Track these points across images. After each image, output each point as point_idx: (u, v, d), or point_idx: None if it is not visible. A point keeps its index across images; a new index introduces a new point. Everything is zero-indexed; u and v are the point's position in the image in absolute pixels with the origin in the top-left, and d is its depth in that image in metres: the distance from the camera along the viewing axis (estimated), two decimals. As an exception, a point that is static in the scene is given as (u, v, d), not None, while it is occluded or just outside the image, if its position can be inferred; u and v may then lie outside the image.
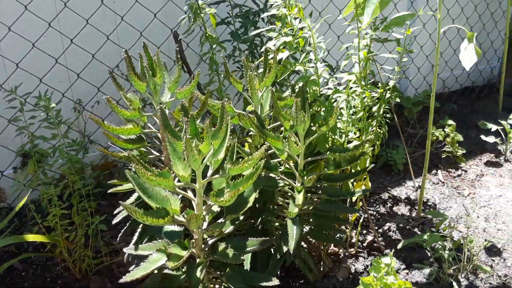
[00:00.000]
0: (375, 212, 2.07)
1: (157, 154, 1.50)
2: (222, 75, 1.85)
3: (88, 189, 1.67)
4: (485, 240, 1.86)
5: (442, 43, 3.01)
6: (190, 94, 1.41)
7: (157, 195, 1.22)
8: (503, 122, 2.52)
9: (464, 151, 2.48)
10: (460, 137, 2.47)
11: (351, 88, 1.50)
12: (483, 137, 2.56)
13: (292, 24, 1.46)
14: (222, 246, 1.28)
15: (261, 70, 1.51)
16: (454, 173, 2.41)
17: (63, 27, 1.87)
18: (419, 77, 2.99)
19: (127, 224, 1.45)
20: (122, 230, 1.45)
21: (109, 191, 1.39)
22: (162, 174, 1.14)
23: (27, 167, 1.78)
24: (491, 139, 2.53)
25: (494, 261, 1.76)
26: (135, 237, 1.40)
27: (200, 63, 1.97)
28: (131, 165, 1.16)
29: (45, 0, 1.79)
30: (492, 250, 1.81)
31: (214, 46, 1.77)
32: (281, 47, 1.54)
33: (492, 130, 2.56)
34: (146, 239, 1.39)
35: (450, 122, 2.53)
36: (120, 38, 2.00)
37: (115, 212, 1.41)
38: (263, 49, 1.80)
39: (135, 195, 1.45)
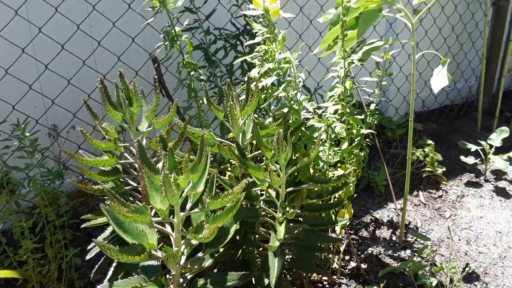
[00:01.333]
0: (357, 237, 2.06)
1: (134, 184, 1.46)
2: (201, 101, 1.82)
3: (62, 220, 1.61)
4: (467, 264, 1.86)
5: (421, 63, 3.05)
6: (168, 124, 1.38)
7: (133, 229, 1.18)
8: (482, 142, 2.54)
9: (444, 169, 2.49)
10: (439, 156, 2.48)
11: (333, 117, 1.49)
12: (462, 158, 2.58)
13: (274, 55, 1.46)
14: (201, 282, 1.24)
15: (243, 97, 1.49)
16: (435, 194, 2.42)
17: (38, 52, 1.82)
18: (399, 97, 3.01)
19: (103, 257, 1.40)
20: (97, 265, 1.39)
21: (82, 225, 1.33)
22: (138, 210, 1.10)
23: (-1, 197, 1.71)
24: (470, 160, 2.56)
25: (476, 286, 1.75)
26: (110, 272, 1.34)
27: (179, 87, 1.94)
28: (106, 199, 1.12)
29: (19, 24, 1.74)
30: (474, 275, 1.80)
31: (192, 72, 1.74)
32: (264, 73, 1.53)
33: (472, 150, 2.58)
34: (122, 274, 1.34)
35: (429, 141, 2.55)
36: (97, 62, 1.95)
37: (89, 247, 1.35)
38: (245, 76, 1.79)
39: (110, 228, 1.40)
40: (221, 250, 1.30)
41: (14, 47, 1.74)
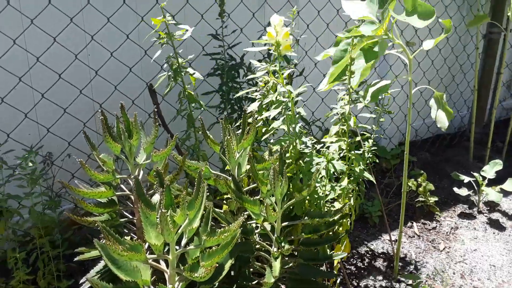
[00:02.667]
0: (353, 268, 2.04)
1: (129, 216, 1.45)
2: (199, 132, 1.83)
3: (57, 251, 1.59)
4: (462, 298, 1.85)
5: (414, 94, 3.09)
6: (166, 158, 1.38)
7: (126, 265, 1.16)
8: (475, 174, 2.56)
9: (436, 199, 2.50)
10: (431, 186, 2.50)
11: (334, 152, 1.50)
12: (456, 189, 2.60)
13: (276, 89, 1.48)
14: (195, 319, 1.22)
15: (240, 130, 1.50)
16: (429, 225, 2.42)
17: (35, 80, 1.83)
18: (393, 127, 3.04)
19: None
20: (90, 300, 1.36)
21: (76, 258, 1.32)
22: (133, 247, 1.09)
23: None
24: (463, 191, 2.57)
25: (472, 321, 1.74)
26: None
27: (176, 117, 1.95)
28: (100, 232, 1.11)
29: (17, 53, 1.75)
30: (470, 310, 1.80)
31: (192, 104, 1.76)
32: (263, 106, 1.55)
33: (465, 181, 2.59)
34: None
35: (422, 172, 2.56)
36: (94, 91, 1.96)
37: (82, 281, 1.33)
38: (244, 107, 1.81)
39: (103, 262, 1.38)
40: (216, 285, 1.29)
41: (11, 76, 1.74)
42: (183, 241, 1.18)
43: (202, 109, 1.83)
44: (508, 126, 3.14)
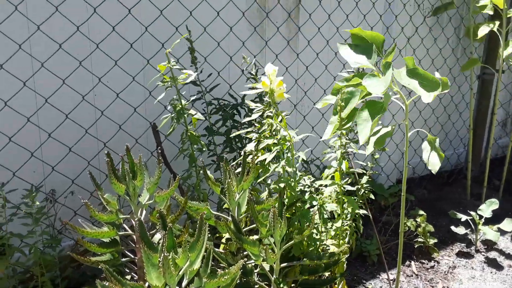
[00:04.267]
0: (350, 308, 2.05)
1: (131, 256, 1.48)
2: (201, 171, 1.88)
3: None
4: None
5: (411, 134, 3.15)
6: (168, 199, 1.42)
7: (128, 306, 1.19)
8: (472, 213, 2.59)
9: (436, 241, 2.52)
10: (431, 228, 2.52)
11: (328, 195, 1.55)
12: (453, 228, 2.62)
13: (276, 130, 1.53)
14: None
15: (239, 169, 1.55)
16: (427, 264, 2.43)
17: (42, 119, 1.89)
18: (390, 164, 3.09)
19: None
20: None
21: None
22: (136, 288, 1.12)
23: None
24: (461, 230, 2.59)
25: None
26: None
27: (176, 156, 2.00)
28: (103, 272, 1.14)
29: (25, 93, 1.81)
30: None
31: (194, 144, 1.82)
32: (260, 148, 1.60)
33: (462, 220, 2.62)
34: None
35: (421, 212, 2.59)
36: (99, 130, 2.02)
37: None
38: (243, 149, 1.87)
39: (105, 301, 1.40)
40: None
41: (19, 116, 1.80)
42: (184, 282, 1.21)
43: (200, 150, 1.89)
44: (504, 164, 3.19)
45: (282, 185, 1.54)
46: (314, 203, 1.50)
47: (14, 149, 1.82)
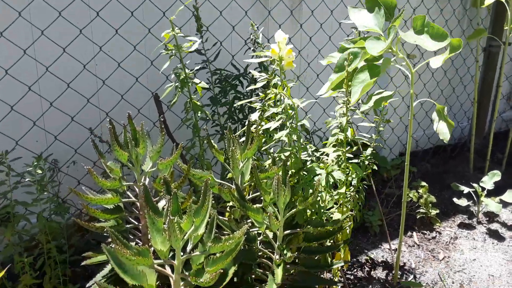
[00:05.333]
0: (352, 276, 2.07)
1: (135, 222, 1.48)
2: (204, 141, 1.87)
3: (64, 256, 1.63)
4: (461, 308, 1.88)
5: (415, 105, 3.13)
6: (171, 166, 1.42)
7: (133, 269, 1.20)
8: (475, 185, 2.60)
9: (438, 211, 2.53)
10: (433, 199, 2.53)
11: (333, 162, 1.54)
12: (455, 200, 2.63)
13: (280, 99, 1.52)
14: (199, 324, 1.25)
15: (243, 139, 1.54)
16: (428, 235, 2.45)
17: (43, 89, 1.87)
18: (394, 137, 3.08)
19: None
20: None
21: (83, 263, 1.35)
22: (141, 252, 1.12)
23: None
24: (463, 201, 2.60)
25: (470, 330, 1.77)
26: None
27: (178, 126, 1.99)
28: (107, 236, 1.14)
29: (25, 63, 1.79)
30: (468, 319, 1.82)
31: (198, 113, 1.80)
32: (265, 117, 1.59)
33: (465, 192, 2.62)
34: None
35: (423, 183, 2.59)
36: (101, 100, 2.01)
37: (88, 285, 1.36)
38: (246, 118, 1.85)
39: (109, 266, 1.42)
40: (219, 291, 1.32)
41: (21, 85, 1.79)
42: (188, 247, 1.21)
43: (204, 120, 1.87)
44: (507, 138, 3.18)
45: (286, 153, 1.53)
46: (319, 171, 1.50)
47: (16, 118, 1.81)
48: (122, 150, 1.36)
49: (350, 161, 1.58)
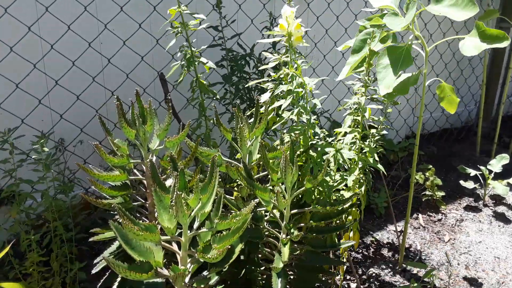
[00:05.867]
0: (359, 256, 2.07)
1: (142, 200, 1.48)
2: (211, 121, 1.86)
3: (71, 234, 1.63)
4: (467, 289, 1.88)
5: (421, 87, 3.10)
6: (179, 144, 1.41)
7: (140, 246, 1.19)
8: (482, 167, 2.58)
9: (443, 194, 2.52)
10: (439, 181, 2.51)
11: (346, 143, 1.52)
12: (462, 182, 2.61)
13: (292, 76, 1.50)
14: (206, 300, 1.25)
15: (252, 119, 1.52)
16: (434, 217, 2.44)
17: (48, 67, 1.86)
18: (400, 120, 3.05)
19: (108, 272, 1.41)
20: (102, 280, 1.40)
21: (90, 239, 1.35)
22: (148, 228, 1.12)
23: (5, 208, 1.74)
24: (470, 184, 2.59)
25: (475, 311, 1.77)
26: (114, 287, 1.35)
27: (184, 105, 1.97)
28: (115, 214, 1.14)
29: (30, 40, 1.78)
30: (474, 300, 1.82)
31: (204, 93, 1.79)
32: (275, 94, 1.57)
33: (471, 175, 2.61)
34: (124, 292, 1.36)
35: (430, 166, 2.58)
36: (106, 79, 1.99)
37: (95, 261, 1.37)
38: (255, 97, 1.83)
39: (116, 243, 1.42)
40: (226, 268, 1.32)
41: (26, 63, 1.77)
42: (195, 225, 1.21)
43: (211, 99, 1.85)
44: (515, 121, 3.15)
45: (296, 132, 1.51)
46: (328, 150, 1.48)
47: (22, 96, 1.80)
48: (129, 127, 1.35)
49: (365, 143, 1.56)
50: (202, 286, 1.17)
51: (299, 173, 1.55)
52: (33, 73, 1.80)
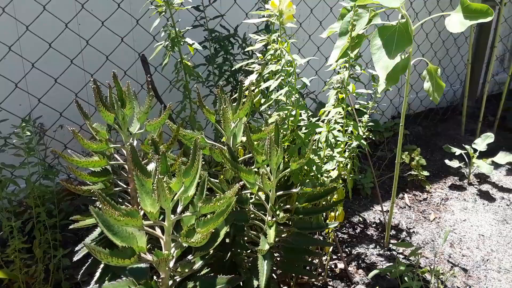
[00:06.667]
0: (345, 236, 2.08)
1: (123, 185, 1.45)
2: (196, 104, 1.82)
3: (54, 220, 1.60)
4: (451, 267, 1.89)
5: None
6: (160, 127, 1.37)
7: (122, 232, 1.17)
8: (467, 147, 2.59)
9: (428, 174, 2.53)
10: (424, 161, 2.52)
11: (334, 120, 1.50)
12: (447, 161, 2.63)
13: (280, 55, 1.46)
14: (190, 285, 1.24)
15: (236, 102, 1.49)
16: (420, 196, 2.46)
17: (24, 50, 1.79)
18: (386, 100, 3.05)
19: (91, 258, 1.39)
20: (85, 267, 1.38)
21: (71, 226, 1.32)
22: (130, 213, 1.09)
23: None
24: (455, 163, 2.60)
25: (460, 288, 1.79)
26: (97, 274, 1.33)
27: (170, 89, 1.93)
28: (96, 200, 1.11)
29: (5, 22, 1.71)
30: (458, 279, 1.84)
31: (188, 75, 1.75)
32: (265, 73, 1.54)
33: (456, 154, 2.62)
34: (109, 276, 1.34)
35: (415, 147, 2.59)
36: (85, 61, 1.93)
37: (77, 248, 1.34)
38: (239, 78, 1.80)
39: (98, 229, 1.39)
40: (211, 252, 1.31)
41: (0, 45, 1.71)
42: (179, 209, 1.18)
43: (195, 81, 1.81)
44: (499, 100, 3.16)
45: (284, 112, 1.48)
46: (319, 129, 1.46)
47: (-2, 80, 1.75)
48: (108, 111, 1.31)
49: (351, 121, 1.54)
50: (187, 270, 1.15)
51: (286, 154, 1.53)
52: (9, 55, 1.74)
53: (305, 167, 1.50)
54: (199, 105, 1.45)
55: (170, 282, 1.24)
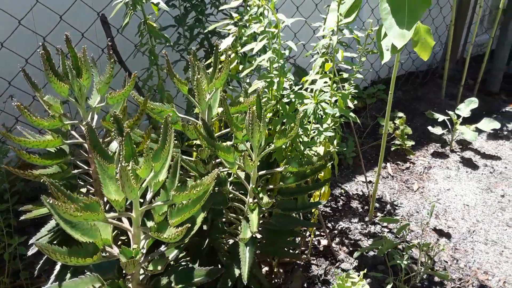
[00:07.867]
0: (328, 209, 1.97)
1: (84, 167, 1.27)
2: (164, 70, 1.62)
3: (7, 205, 1.42)
4: (437, 240, 1.82)
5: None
6: (125, 100, 1.19)
7: (83, 224, 1.01)
8: (450, 112, 2.50)
9: (413, 143, 2.43)
10: (409, 130, 2.42)
11: (322, 91, 1.34)
12: (430, 128, 2.54)
13: (263, 14, 1.27)
14: (164, 280, 1.09)
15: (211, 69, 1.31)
16: (402, 165, 2.37)
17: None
18: (366, 64, 2.90)
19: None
20: (42, 261, 1.22)
21: (21, 218, 1.14)
22: (89, 206, 0.92)
23: None
24: (438, 130, 2.51)
25: (447, 262, 1.72)
26: (57, 268, 1.17)
27: (135, 54, 1.72)
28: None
29: None
30: (444, 252, 1.77)
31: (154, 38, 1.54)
32: (248, 34, 1.35)
33: (439, 120, 2.53)
34: (71, 270, 1.18)
35: (400, 114, 2.47)
36: (36, 22, 1.69)
37: (30, 241, 1.17)
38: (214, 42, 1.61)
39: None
40: (186, 241, 1.16)
41: None
42: (148, 196, 1.02)
43: (163, 45, 1.61)
44: (480, 63, 3.07)
45: (266, 80, 1.31)
46: (307, 100, 1.30)
47: None
48: (60, 81, 1.11)
49: (337, 91, 1.39)
50: (159, 268, 1.00)
51: (269, 127, 1.38)
52: None
53: (290, 143, 1.35)
54: (169, 73, 1.26)
55: (142, 277, 1.10)
